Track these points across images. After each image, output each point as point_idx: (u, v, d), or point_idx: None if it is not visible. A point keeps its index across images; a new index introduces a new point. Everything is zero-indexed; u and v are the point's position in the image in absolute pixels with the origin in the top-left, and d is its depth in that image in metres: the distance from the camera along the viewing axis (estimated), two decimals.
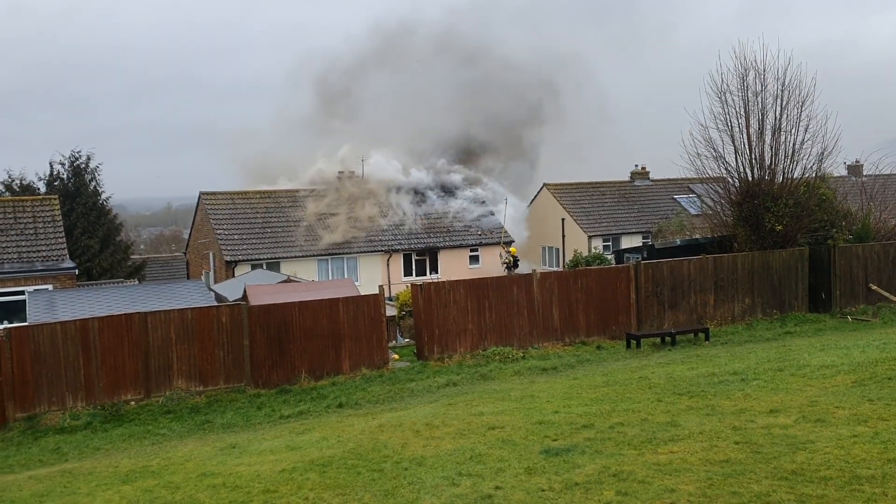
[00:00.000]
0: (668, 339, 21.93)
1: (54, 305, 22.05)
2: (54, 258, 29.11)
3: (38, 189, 43.74)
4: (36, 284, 27.75)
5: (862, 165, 48.03)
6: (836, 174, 31.92)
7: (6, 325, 24.58)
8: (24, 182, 43.92)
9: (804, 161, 25.63)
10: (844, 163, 46.46)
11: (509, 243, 38.83)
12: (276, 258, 35.79)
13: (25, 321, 21.41)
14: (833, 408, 10.93)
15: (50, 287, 27.63)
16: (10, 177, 44.00)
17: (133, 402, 18.52)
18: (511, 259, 36.22)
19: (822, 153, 25.52)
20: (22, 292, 26.89)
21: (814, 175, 25.90)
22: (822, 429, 9.88)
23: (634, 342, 21.79)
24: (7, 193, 42.59)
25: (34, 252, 29.20)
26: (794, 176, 25.63)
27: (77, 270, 30.56)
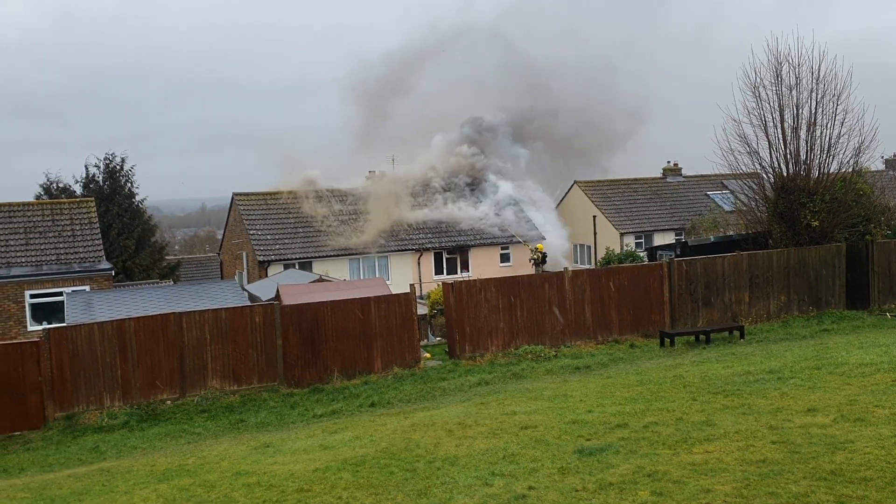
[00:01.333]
0: (702, 337, 21.69)
1: (91, 306, 22.40)
2: (91, 259, 29.59)
3: (75, 191, 44.52)
4: (74, 285, 28.24)
5: None
6: (873, 168, 31.36)
7: (45, 325, 25.05)
8: (60, 185, 44.70)
9: (840, 155, 25.17)
10: (882, 157, 45.72)
11: (539, 241, 38.68)
12: (308, 258, 36.02)
13: (64, 322, 21.78)
14: (873, 407, 10.74)
15: (87, 288, 28.08)
16: (48, 180, 44.84)
17: (169, 402, 18.75)
18: (539, 256, 36.12)
19: (859, 147, 25.05)
20: (60, 293, 27.38)
21: (850, 170, 25.42)
22: (862, 428, 9.70)
23: (668, 340, 21.59)
24: (45, 196, 43.39)
25: (72, 254, 29.71)
26: (831, 171, 25.19)
27: (113, 271, 31.02)
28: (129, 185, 46.24)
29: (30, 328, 27.45)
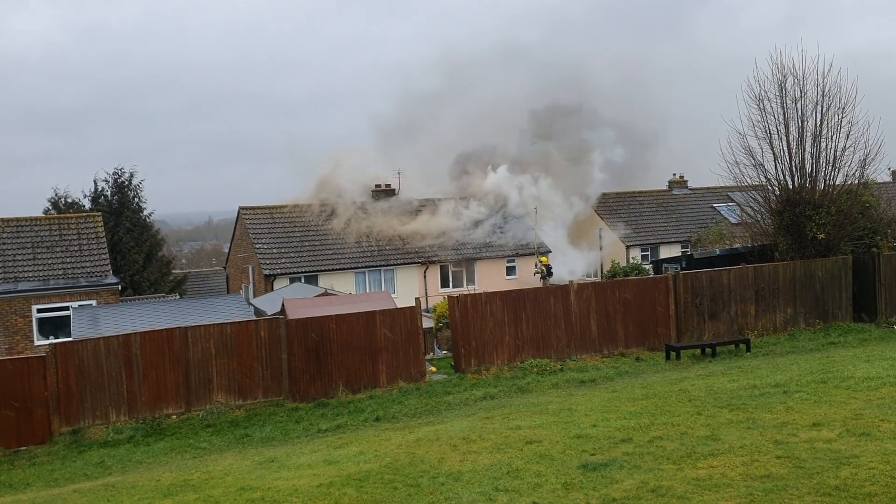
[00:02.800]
0: (708, 350, 21.63)
1: (98, 320, 22.48)
2: (98, 274, 29.71)
3: (84, 206, 44.77)
4: (80, 300, 28.34)
5: None
6: (879, 180, 31.33)
7: (52, 340, 25.13)
8: (68, 199, 44.97)
9: (846, 168, 25.17)
10: (889, 168, 45.69)
11: (545, 254, 38.68)
12: (313, 271, 36.07)
13: (70, 336, 21.86)
14: (879, 421, 10.69)
15: (94, 302, 28.19)
16: (56, 194, 45.12)
17: (174, 416, 18.78)
18: (544, 269, 36.10)
19: (865, 159, 25.04)
20: (67, 308, 27.47)
21: (856, 182, 25.40)
22: (867, 443, 9.66)
23: (674, 354, 21.53)
24: (53, 211, 43.65)
25: (78, 268, 29.84)
26: (836, 183, 25.17)
27: (120, 286, 31.14)
28: (137, 199, 46.53)
29: (36, 342, 27.54)
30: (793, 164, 25.21)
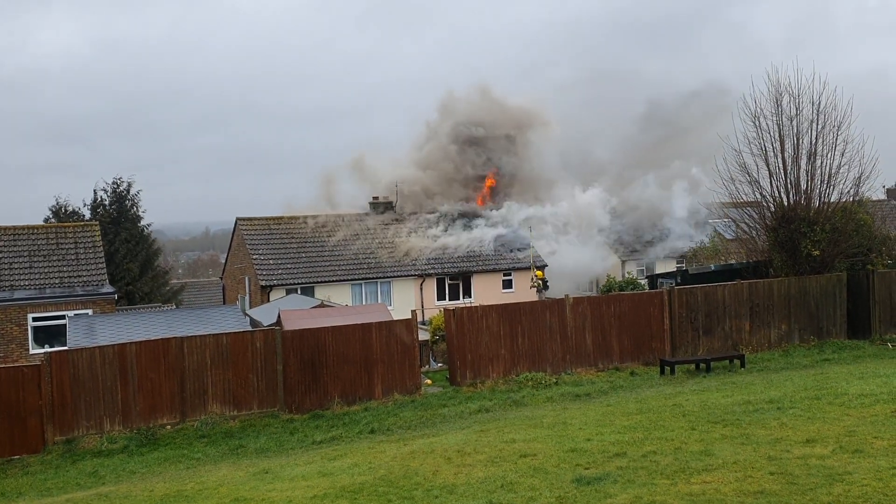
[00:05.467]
0: (702, 365, 21.67)
1: (94, 330, 22.47)
2: (94, 283, 29.70)
3: (84, 215, 44.85)
4: (76, 309, 28.31)
5: None
6: (874, 198, 31.45)
7: (47, 349, 25.10)
8: (68, 209, 45.03)
9: (841, 185, 25.23)
10: (884, 186, 45.87)
11: (541, 268, 38.76)
12: (310, 283, 36.10)
13: (66, 345, 21.83)
14: (872, 438, 10.74)
15: (90, 312, 28.16)
16: (57, 203, 45.21)
17: (169, 426, 18.75)
18: (540, 283, 36.17)
19: (860, 177, 25.12)
20: (63, 317, 27.45)
21: (851, 199, 25.52)
22: (861, 460, 9.70)
23: (668, 368, 21.56)
24: (54, 219, 43.71)
25: (75, 277, 29.82)
26: (831, 200, 25.27)
27: (117, 295, 31.12)
28: (135, 209, 46.60)
29: (32, 351, 27.49)
30: (788, 181, 25.32)
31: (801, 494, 8.53)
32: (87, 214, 44.94)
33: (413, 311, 22.33)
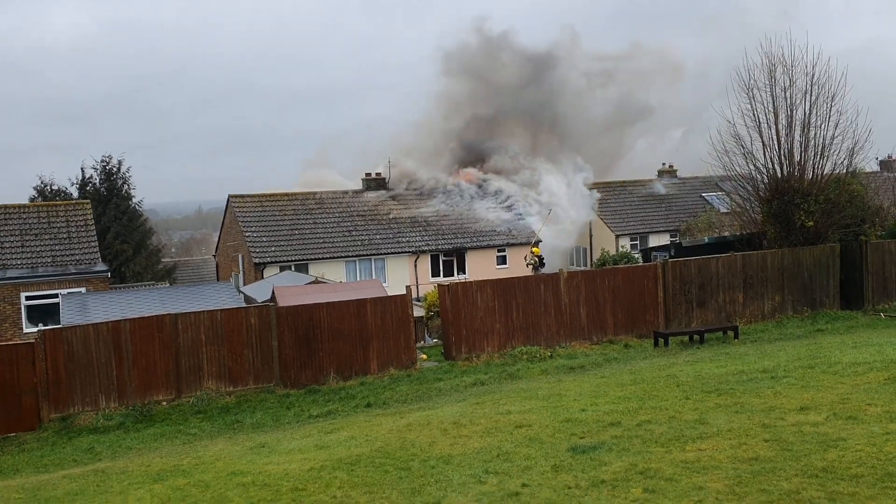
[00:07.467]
0: (696, 337, 21.76)
1: (87, 307, 22.40)
2: (87, 261, 29.58)
3: (71, 194, 44.52)
4: (69, 287, 28.21)
5: (895, 161, 47.38)
6: (867, 169, 31.49)
7: (41, 327, 25.04)
8: (53, 187, 44.71)
9: (834, 157, 25.32)
10: (877, 158, 45.83)
11: (536, 244, 38.72)
12: (304, 260, 36.03)
13: (59, 324, 21.78)
14: (865, 405, 10.79)
15: (83, 290, 28.07)
16: (41, 182, 44.85)
17: (164, 403, 18.76)
18: (536, 260, 36.13)
19: (853, 148, 25.18)
20: (56, 295, 27.35)
21: (844, 171, 25.54)
22: (854, 426, 9.75)
23: (662, 340, 21.64)
24: (39, 198, 43.41)
25: (67, 256, 29.70)
26: (825, 172, 25.30)
27: (110, 273, 31.02)
28: (126, 187, 46.32)
29: (25, 330, 27.42)
30: (781, 152, 25.34)
31: (796, 460, 8.58)
32: (74, 193, 44.61)
33: (408, 287, 22.34)
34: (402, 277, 36.92)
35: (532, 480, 8.84)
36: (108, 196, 44.77)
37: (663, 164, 49.65)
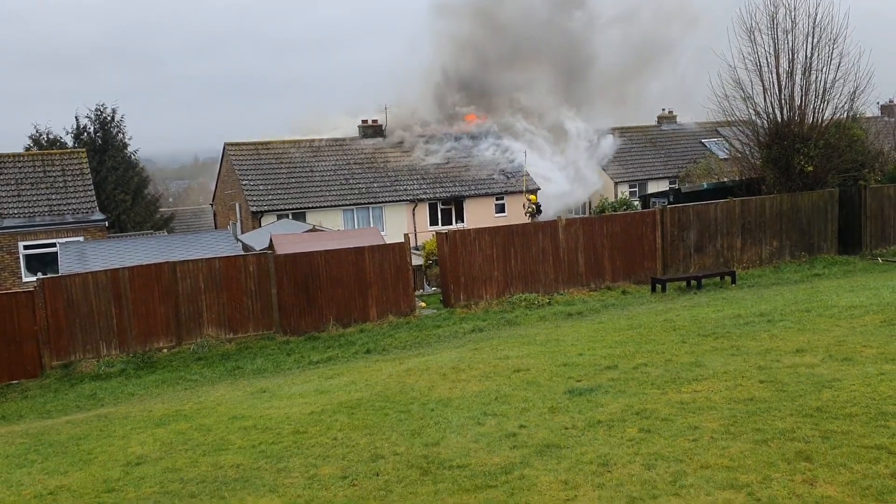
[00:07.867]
0: (693, 282, 21.83)
1: (85, 256, 22.42)
2: (84, 210, 29.51)
3: (66, 143, 44.18)
4: (67, 236, 28.20)
5: None
6: (868, 114, 31.25)
7: (40, 276, 25.08)
8: (50, 136, 44.34)
9: (835, 101, 25.05)
10: (878, 102, 45.44)
11: (534, 192, 38.60)
12: (301, 208, 35.95)
13: (58, 272, 21.80)
14: (860, 347, 10.87)
15: (81, 239, 28.05)
16: (37, 131, 44.47)
17: (165, 350, 18.90)
18: (534, 207, 36.06)
19: (854, 92, 24.91)
20: (54, 244, 27.35)
21: (845, 115, 25.33)
22: (849, 367, 9.84)
23: (660, 286, 21.72)
24: (35, 148, 43.08)
25: (64, 205, 29.61)
26: (825, 116, 25.09)
27: (107, 222, 30.97)
28: (121, 136, 45.97)
29: (24, 279, 27.50)
30: (782, 96, 25.08)
31: (791, 401, 8.67)
32: (70, 142, 44.28)
33: (406, 235, 22.32)
34: (400, 226, 36.88)
35: (529, 422, 8.95)
36: (103, 146, 44.44)
37: (663, 109, 49.24)
